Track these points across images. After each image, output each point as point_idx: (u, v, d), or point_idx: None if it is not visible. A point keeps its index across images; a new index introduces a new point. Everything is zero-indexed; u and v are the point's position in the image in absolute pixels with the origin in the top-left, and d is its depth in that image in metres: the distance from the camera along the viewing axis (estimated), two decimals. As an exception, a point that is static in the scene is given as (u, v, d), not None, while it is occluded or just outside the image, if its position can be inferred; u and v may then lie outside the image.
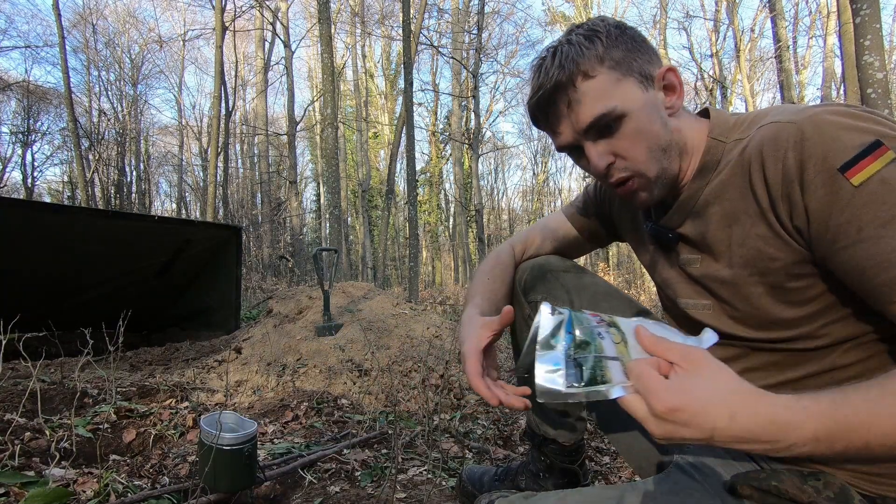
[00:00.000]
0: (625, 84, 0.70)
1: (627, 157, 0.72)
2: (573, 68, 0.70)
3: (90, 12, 16.75)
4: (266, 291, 7.20)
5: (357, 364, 2.60)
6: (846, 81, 5.19)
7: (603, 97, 0.69)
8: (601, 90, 0.69)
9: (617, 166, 0.73)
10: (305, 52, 20.83)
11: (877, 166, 0.55)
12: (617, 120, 0.70)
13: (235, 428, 1.18)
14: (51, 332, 2.43)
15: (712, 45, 12.63)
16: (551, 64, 0.72)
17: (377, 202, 16.88)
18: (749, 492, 0.64)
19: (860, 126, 0.57)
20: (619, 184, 0.74)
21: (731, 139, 0.71)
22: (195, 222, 4.58)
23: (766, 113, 0.69)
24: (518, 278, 1.05)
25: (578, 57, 0.70)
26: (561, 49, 0.72)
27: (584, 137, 0.73)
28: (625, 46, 0.71)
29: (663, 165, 0.72)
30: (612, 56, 0.70)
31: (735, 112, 0.76)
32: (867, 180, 0.56)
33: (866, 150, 0.56)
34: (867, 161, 0.56)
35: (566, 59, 0.70)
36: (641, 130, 0.70)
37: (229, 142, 14.40)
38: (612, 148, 0.72)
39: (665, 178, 0.73)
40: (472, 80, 12.21)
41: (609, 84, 0.70)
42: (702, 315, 0.77)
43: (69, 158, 17.21)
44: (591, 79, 0.70)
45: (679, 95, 0.74)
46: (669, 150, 0.72)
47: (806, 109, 0.62)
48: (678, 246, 0.79)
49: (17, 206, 3.09)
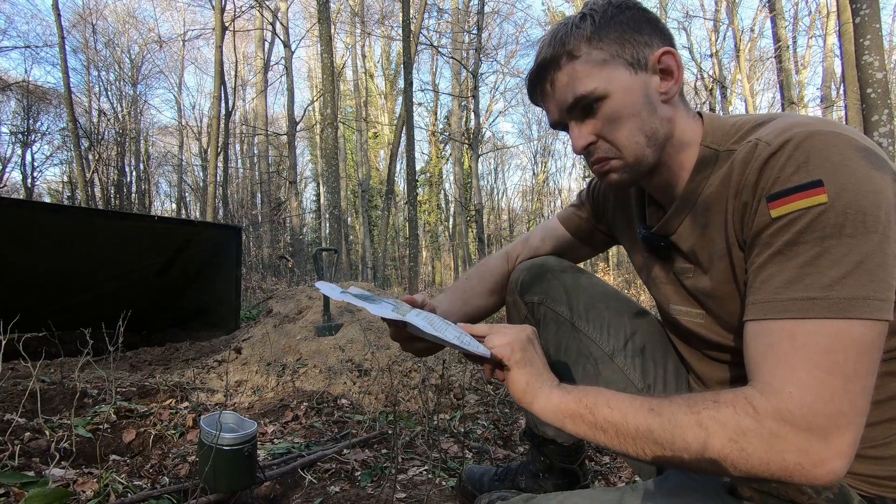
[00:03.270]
0: (610, 66, 0.70)
1: (608, 138, 0.72)
2: (559, 48, 0.71)
3: (90, 12, 16.75)
4: (266, 291, 7.20)
5: (357, 364, 2.60)
6: (846, 81, 5.18)
7: (584, 78, 0.70)
8: (583, 71, 0.70)
9: (598, 146, 0.73)
10: (305, 52, 20.87)
11: (800, 205, 0.56)
12: (598, 101, 0.70)
13: (235, 428, 1.18)
14: (51, 332, 2.43)
15: (712, 44, 12.63)
16: (545, 42, 0.73)
17: (377, 202, 16.88)
18: (749, 493, 0.64)
19: (817, 159, 0.56)
20: (597, 162, 0.75)
21: (723, 148, 0.70)
22: (195, 222, 4.58)
23: (760, 123, 0.68)
24: (515, 279, 1.05)
25: (566, 37, 0.71)
26: (554, 29, 0.73)
27: (569, 117, 0.74)
28: (619, 28, 0.70)
29: (644, 152, 0.71)
30: (600, 36, 0.70)
31: (731, 116, 0.74)
32: (783, 216, 0.57)
33: (801, 186, 0.56)
34: (794, 197, 0.57)
35: (555, 39, 0.71)
36: (623, 114, 0.70)
37: (229, 142, 14.40)
38: (595, 129, 0.72)
39: (642, 165, 0.73)
40: (472, 79, 12.21)
41: (592, 65, 0.70)
42: (694, 324, 0.78)
43: (69, 158, 17.22)
44: (575, 59, 0.70)
45: (676, 81, 0.72)
46: (654, 136, 0.71)
47: (792, 127, 0.60)
48: (672, 253, 0.79)
49: (17, 206, 3.08)
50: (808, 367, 0.53)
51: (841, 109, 9.04)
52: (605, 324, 0.94)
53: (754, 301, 0.59)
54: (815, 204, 0.55)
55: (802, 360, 0.53)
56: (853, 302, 0.53)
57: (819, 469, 0.51)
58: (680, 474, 0.76)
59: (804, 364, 0.53)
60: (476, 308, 1.06)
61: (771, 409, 0.53)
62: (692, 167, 0.73)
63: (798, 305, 0.55)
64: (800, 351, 0.54)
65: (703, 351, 0.80)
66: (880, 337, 0.54)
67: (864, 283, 0.53)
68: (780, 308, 0.56)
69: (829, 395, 0.52)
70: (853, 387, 0.52)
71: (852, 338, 0.53)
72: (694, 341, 0.81)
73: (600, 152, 0.73)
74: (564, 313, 0.97)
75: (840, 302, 0.53)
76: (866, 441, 0.65)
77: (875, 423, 0.65)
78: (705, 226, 0.71)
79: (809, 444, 0.51)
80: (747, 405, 0.54)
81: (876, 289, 0.53)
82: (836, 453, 0.51)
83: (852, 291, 0.53)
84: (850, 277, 0.53)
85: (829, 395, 0.52)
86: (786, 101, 9.46)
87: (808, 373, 0.53)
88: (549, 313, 0.99)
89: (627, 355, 0.91)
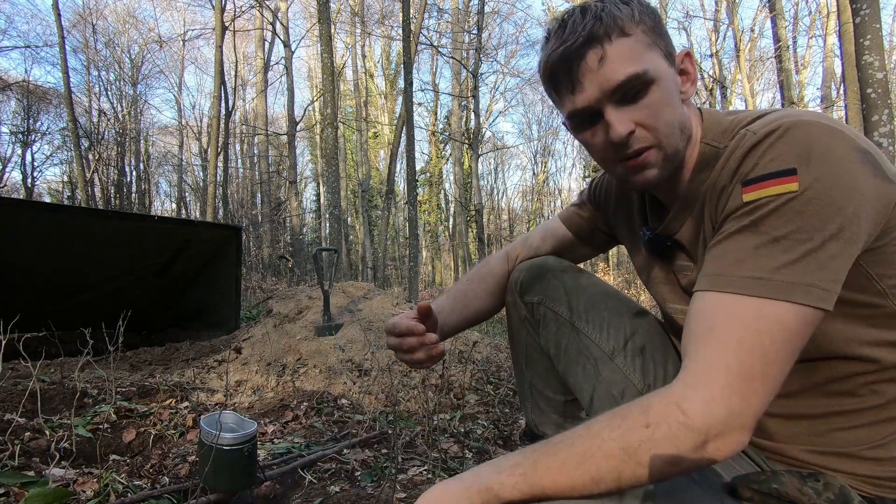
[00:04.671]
0: (654, 52, 0.68)
1: (649, 126, 0.68)
2: (611, 22, 0.67)
3: (90, 12, 16.75)
4: (266, 291, 7.20)
5: (357, 364, 2.60)
6: (846, 81, 5.19)
7: (637, 58, 0.67)
8: (636, 50, 0.67)
9: (637, 136, 0.68)
10: (305, 52, 20.86)
11: (770, 192, 0.57)
12: (646, 85, 0.67)
13: (235, 428, 1.18)
14: (51, 332, 2.43)
15: (712, 44, 12.63)
16: (582, 19, 0.68)
17: (377, 202, 16.87)
18: (749, 494, 0.64)
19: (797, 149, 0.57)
20: (635, 155, 0.70)
21: (722, 144, 0.71)
22: (195, 222, 4.58)
23: (757, 117, 0.68)
24: (514, 279, 1.04)
25: (616, 11, 0.68)
26: (594, 5, 0.69)
27: (608, 100, 0.68)
28: (654, 19, 0.70)
29: (679, 145, 0.71)
30: (645, 22, 0.68)
31: (729, 112, 0.75)
32: (753, 201, 0.58)
33: (775, 174, 0.57)
34: (767, 184, 0.57)
35: (604, 13, 0.67)
36: (667, 101, 0.68)
37: (229, 142, 14.40)
38: (634, 116, 0.68)
39: (676, 158, 0.72)
40: (472, 79, 12.22)
41: (643, 46, 0.67)
42: None
43: (69, 158, 17.22)
44: (627, 37, 0.67)
45: (693, 83, 0.73)
46: (685, 129, 0.71)
47: (782, 118, 0.61)
48: (675, 252, 0.79)
49: (17, 206, 3.08)
50: (735, 347, 0.55)
51: (841, 109, 9.04)
52: (605, 324, 0.94)
53: (704, 273, 0.62)
54: (785, 192, 0.56)
55: (731, 339, 0.56)
56: (794, 287, 0.55)
57: (724, 448, 0.54)
58: (680, 474, 0.76)
59: (732, 343, 0.55)
60: (477, 311, 1.06)
61: (700, 413, 0.54)
62: (693, 165, 0.73)
63: (742, 283, 0.57)
64: (732, 329, 0.56)
65: None
66: (812, 325, 0.56)
67: (811, 270, 0.55)
68: (724, 282, 0.58)
69: (748, 376, 0.54)
70: (770, 369, 0.55)
71: (783, 322, 0.55)
72: None
73: (640, 143, 0.69)
74: (564, 313, 0.97)
75: (782, 285, 0.55)
76: (866, 442, 0.65)
77: (875, 424, 0.65)
78: (701, 221, 0.71)
79: (722, 429, 0.54)
80: (680, 416, 0.54)
81: (821, 277, 0.55)
82: (740, 427, 0.54)
83: (797, 277, 0.55)
84: (798, 264, 0.55)
85: (748, 376, 0.54)
86: (786, 102, 9.46)
87: (735, 355, 0.55)
88: (548, 313, 0.99)
89: (627, 355, 0.91)
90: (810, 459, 0.68)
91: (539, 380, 1.08)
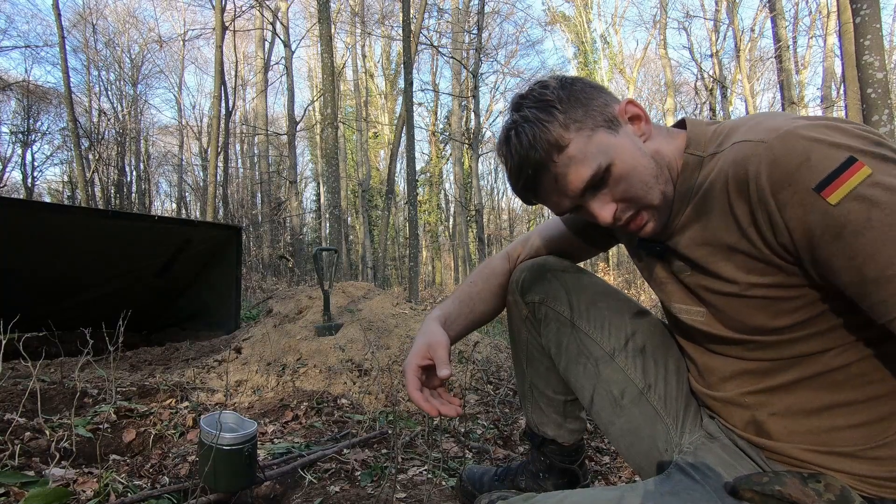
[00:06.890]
0: (597, 137, 0.71)
1: (628, 198, 0.73)
2: (545, 146, 0.71)
3: (90, 12, 16.75)
4: (266, 291, 7.20)
5: (357, 364, 2.60)
6: (846, 81, 5.19)
7: (585, 159, 0.71)
8: (581, 153, 0.71)
9: (622, 209, 0.74)
10: (305, 52, 20.81)
11: (853, 183, 0.55)
12: (607, 170, 0.71)
13: (235, 428, 1.18)
14: (51, 332, 2.43)
15: (712, 44, 12.64)
16: (519, 146, 0.73)
17: (377, 202, 16.87)
18: (751, 495, 0.64)
19: (834, 142, 0.57)
20: (629, 221, 0.75)
21: (707, 153, 0.71)
22: (195, 222, 4.58)
23: (740, 125, 0.68)
24: (515, 279, 1.04)
25: (544, 133, 0.71)
26: (522, 128, 0.72)
27: (581, 198, 0.75)
28: (579, 102, 0.72)
29: (661, 189, 0.74)
30: (573, 118, 0.71)
31: (711, 122, 0.76)
32: (844, 198, 0.56)
33: (840, 167, 0.56)
34: (842, 179, 0.56)
35: (535, 139, 0.71)
36: (632, 167, 0.72)
37: (229, 142, 14.40)
38: (612, 195, 0.73)
39: (666, 200, 0.75)
40: (472, 79, 12.22)
41: (584, 142, 0.71)
42: (695, 321, 0.78)
43: (69, 158, 17.21)
44: (565, 148, 0.71)
45: (646, 121, 0.76)
46: (660, 174, 0.74)
47: (780, 126, 0.61)
48: (668, 256, 0.79)
49: (17, 206, 3.08)
50: None
51: (841, 109, 9.04)
52: (606, 323, 0.94)
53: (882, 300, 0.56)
54: (864, 178, 0.55)
55: None
56: None
57: None
58: (680, 474, 0.76)
59: None
60: (482, 314, 1.06)
61: None
62: (678, 175, 0.75)
63: None
64: None
65: (706, 346, 0.80)
66: None
67: None
68: None
69: None
70: None
71: None
72: (697, 337, 0.82)
73: (627, 212, 0.75)
74: (565, 313, 0.97)
75: None
76: (866, 441, 0.65)
77: (874, 422, 0.65)
78: (704, 227, 0.71)
79: None
80: None
81: None
82: None
83: None
84: None
85: None
86: (786, 101, 9.46)
87: None
88: (549, 313, 0.99)
89: (628, 355, 0.92)
90: (810, 459, 0.68)
91: (540, 379, 1.08)
